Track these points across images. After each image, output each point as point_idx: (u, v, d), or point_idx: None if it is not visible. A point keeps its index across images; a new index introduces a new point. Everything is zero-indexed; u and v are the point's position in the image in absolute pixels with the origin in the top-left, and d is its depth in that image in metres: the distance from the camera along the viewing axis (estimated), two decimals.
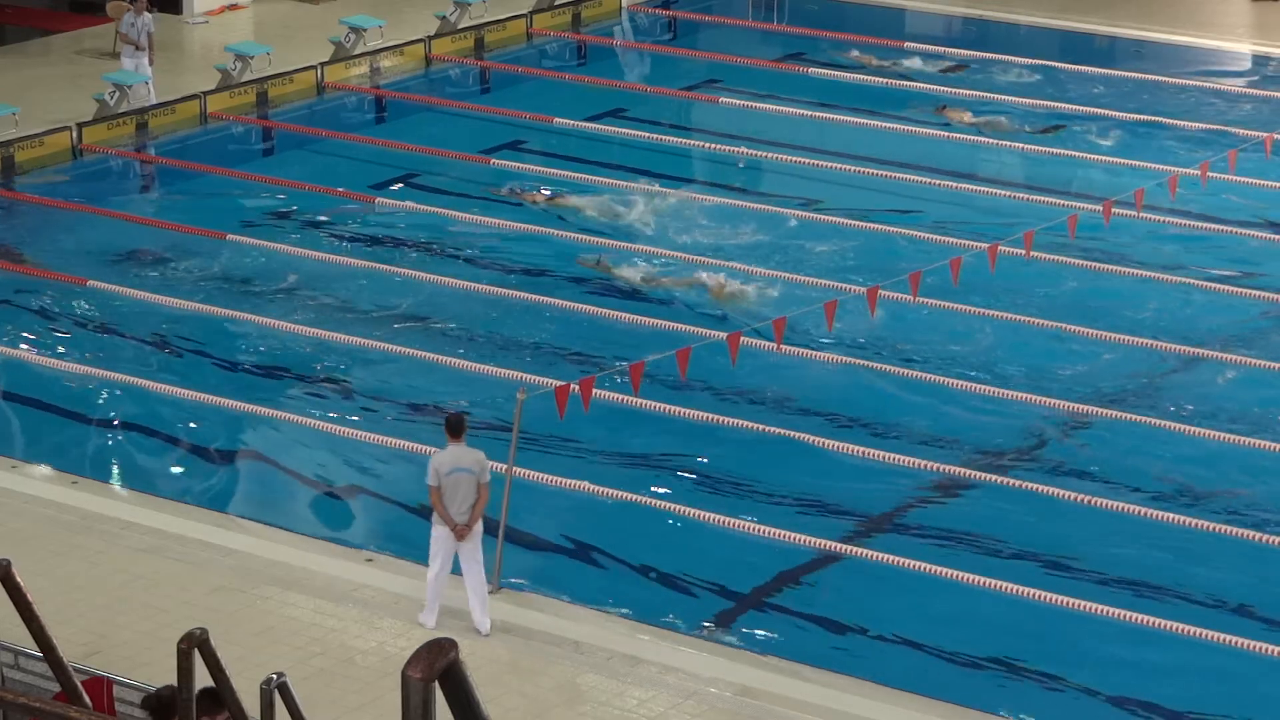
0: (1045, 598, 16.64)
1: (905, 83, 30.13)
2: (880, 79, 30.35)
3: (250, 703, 9.07)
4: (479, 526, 15.98)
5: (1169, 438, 19.57)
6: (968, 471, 19.02)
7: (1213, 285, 23.08)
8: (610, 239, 24.43)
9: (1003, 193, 25.84)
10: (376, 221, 25.11)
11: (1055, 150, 27.30)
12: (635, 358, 18.07)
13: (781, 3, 34.56)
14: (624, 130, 28.40)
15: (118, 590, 16.64)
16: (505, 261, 23.91)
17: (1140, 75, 30.63)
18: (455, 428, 16.15)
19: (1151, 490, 18.68)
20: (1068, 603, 16.59)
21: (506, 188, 26.13)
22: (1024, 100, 29.12)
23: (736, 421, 19.74)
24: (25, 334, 22.05)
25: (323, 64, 30.14)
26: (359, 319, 22.26)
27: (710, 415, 19.84)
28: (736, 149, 27.76)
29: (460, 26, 31.91)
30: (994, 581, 16.88)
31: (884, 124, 28.32)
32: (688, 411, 19.85)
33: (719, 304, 22.60)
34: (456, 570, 16.08)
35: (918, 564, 17.20)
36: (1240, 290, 23.05)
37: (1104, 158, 26.98)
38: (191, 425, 20.05)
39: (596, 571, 17.59)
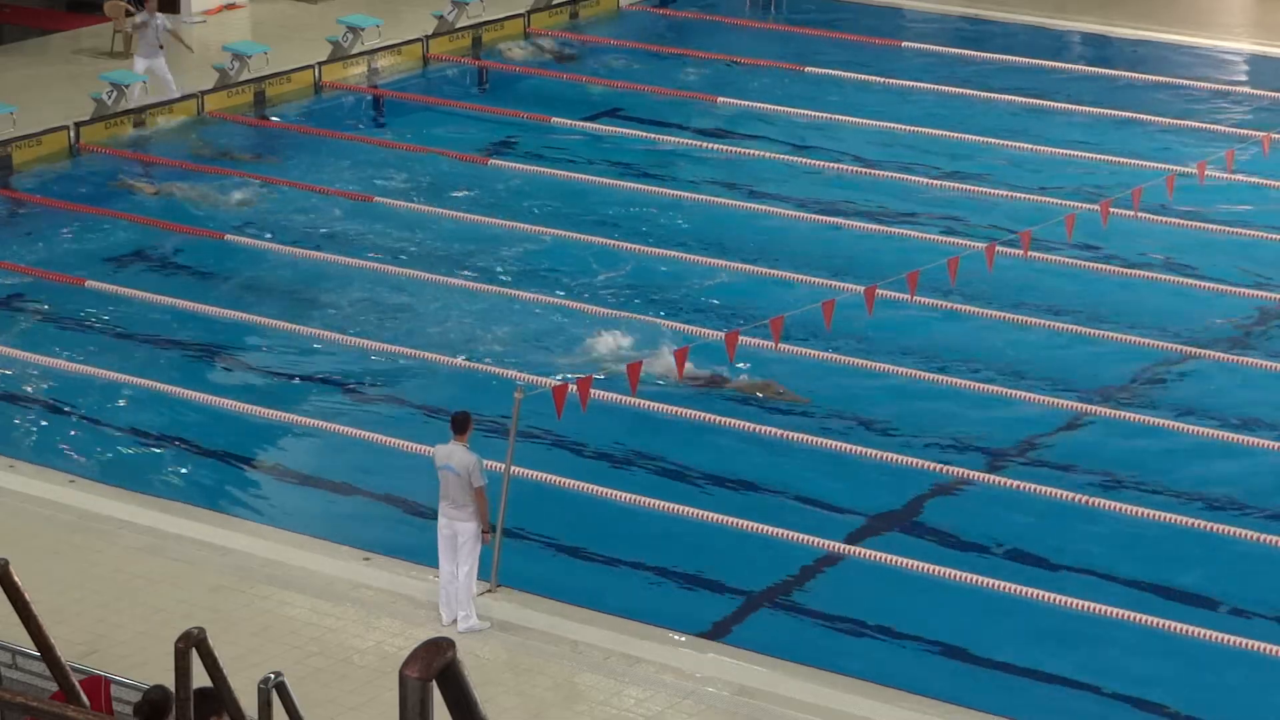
0: (1045, 598, 16.61)
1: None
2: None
3: (248, 702, 9.06)
4: (469, 527, 15.92)
5: (1169, 437, 19.56)
6: (968, 471, 18.99)
7: (1211, 285, 23.05)
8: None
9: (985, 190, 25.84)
10: (377, 220, 25.08)
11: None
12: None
13: (780, 2, 34.53)
14: (621, 129, 28.38)
15: (115, 590, 16.62)
16: (504, 260, 23.90)
17: (1136, 75, 30.64)
18: (454, 425, 16.16)
19: (1152, 490, 18.66)
20: (1068, 603, 16.55)
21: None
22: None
23: (737, 422, 19.72)
24: (23, 334, 22.02)
25: (320, 63, 30.12)
26: (357, 318, 22.24)
27: (710, 415, 19.82)
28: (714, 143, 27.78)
29: (458, 26, 31.89)
30: (994, 581, 16.85)
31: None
32: (688, 412, 19.85)
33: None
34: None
35: (918, 564, 17.18)
36: (1240, 290, 23.02)
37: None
38: (189, 424, 20.01)
39: (594, 571, 17.55)
